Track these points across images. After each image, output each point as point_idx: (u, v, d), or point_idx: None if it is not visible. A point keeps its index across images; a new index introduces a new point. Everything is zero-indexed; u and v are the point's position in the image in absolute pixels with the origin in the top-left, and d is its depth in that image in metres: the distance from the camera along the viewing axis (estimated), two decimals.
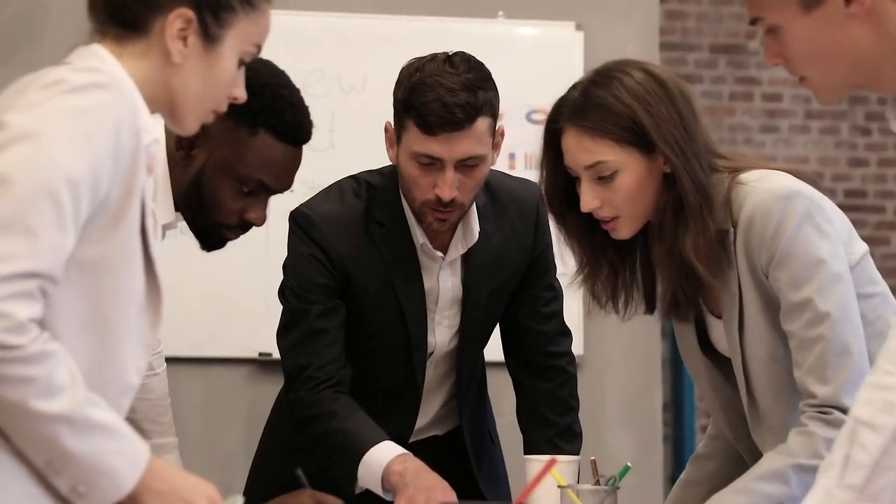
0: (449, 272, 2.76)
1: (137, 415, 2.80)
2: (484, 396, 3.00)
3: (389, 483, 2.49)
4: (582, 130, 2.28)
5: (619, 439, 4.42)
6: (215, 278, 4.23)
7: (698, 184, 2.26)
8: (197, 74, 1.85)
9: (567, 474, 2.50)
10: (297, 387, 2.65)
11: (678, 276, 2.31)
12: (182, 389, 4.25)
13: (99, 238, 1.73)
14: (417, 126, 2.55)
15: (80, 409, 1.69)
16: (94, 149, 1.70)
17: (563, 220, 2.40)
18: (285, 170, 2.38)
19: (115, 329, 1.78)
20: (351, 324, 2.71)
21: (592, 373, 4.39)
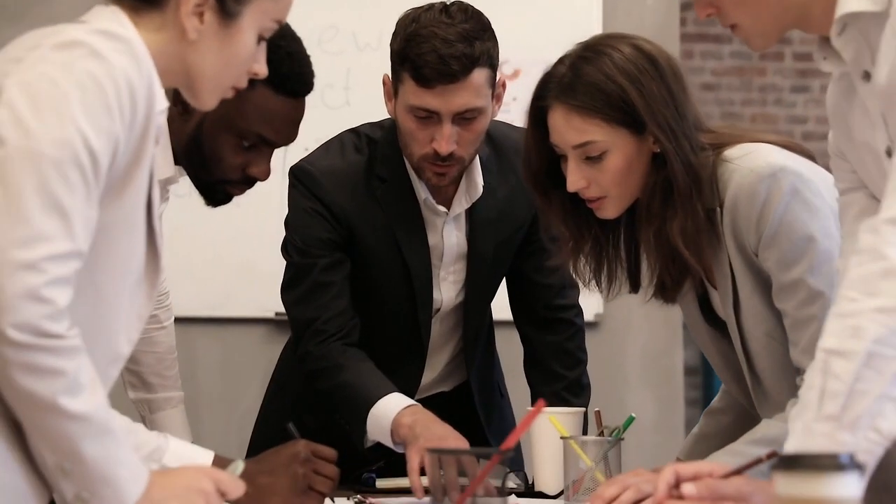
0: (453, 227, 2.73)
1: (143, 368, 2.80)
2: (492, 351, 2.98)
3: (399, 436, 2.47)
4: (571, 109, 2.22)
5: (640, 399, 4.39)
6: (231, 239, 4.23)
7: (688, 166, 2.20)
8: (213, 51, 1.82)
9: (571, 426, 2.48)
10: (306, 341, 2.64)
11: (664, 260, 2.26)
12: (199, 350, 4.26)
13: (103, 205, 1.70)
14: (413, 79, 2.51)
15: (99, 412, 1.66)
16: (114, 120, 1.67)
17: (548, 198, 2.34)
18: (286, 122, 2.34)
19: (109, 297, 1.75)
20: (355, 280, 2.69)
21: (612, 332, 4.37)
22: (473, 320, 2.82)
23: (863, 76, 1.85)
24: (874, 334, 1.66)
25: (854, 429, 1.66)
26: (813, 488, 1.42)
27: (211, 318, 4.22)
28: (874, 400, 1.66)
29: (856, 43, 1.84)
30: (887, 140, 1.85)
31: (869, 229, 1.72)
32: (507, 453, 1.80)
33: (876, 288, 1.68)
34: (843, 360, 1.67)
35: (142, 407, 2.83)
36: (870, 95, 1.85)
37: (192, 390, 4.22)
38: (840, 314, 1.71)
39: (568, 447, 2.38)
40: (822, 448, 1.66)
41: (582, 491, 2.33)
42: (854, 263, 1.72)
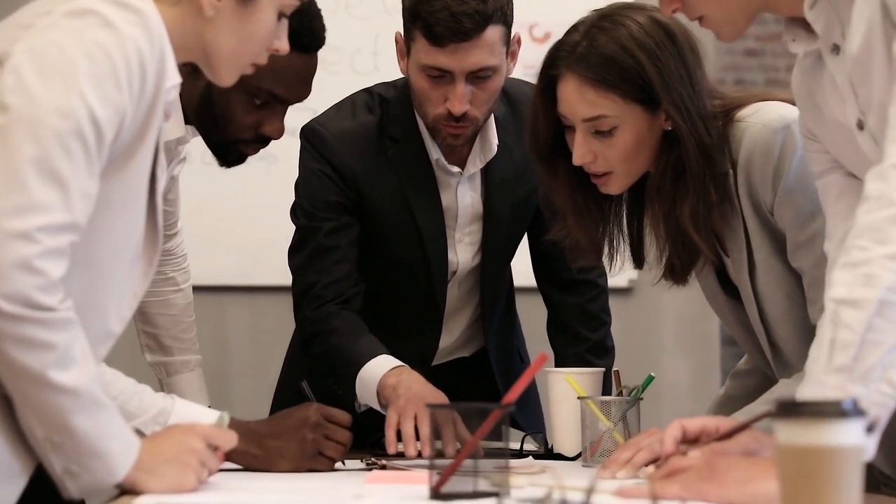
0: (468, 187, 2.68)
1: (160, 330, 2.78)
2: (512, 316, 2.94)
3: (384, 397, 2.43)
4: (584, 81, 2.14)
5: (675, 366, 4.33)
6: (261, 206, 4.20)
7: (702, 147, 2.14)
8: (231, 29, 1.79)
9: (589, 386, 2.43)
10: (304, 305, 2.60)
11: (674, 243, 2.20)
12: (229, 317, 4.24)
13: (105, 177, 1.67)
14: (424, 37, 2.46)
15: (90, 386, 1.64)
16: (122, 93, 1.64)
17: (553, 169, 2.27)
18: (297, 79, 2.29)
19: (104, 272, 1.72)
20: (368, 244, 2.65)
21: (647, 298, 4.31)
22: (491, 283, 2.77)
23: (832, 49, 1.82)
24: (887, 282, 1.60)
25: (866, 380, 1.60)
26: (814, 436, 1.38)
27: (241, 287, 4.21)
28: (887, 350, 1.60)
29: (826, 16, 1.80)
30: (857, 112, 1.81)
31: (876, 176, 1.66)
32: (508, 408, 1.75)
33: (887, 235, 1.62)
34: (854, 309, 1.61)
35: (159, 370, 2.81)
36: (839, 69, 1.82)
37: (223, 358, 4.22)
38: (849, 263, 1.65)
39: (585, 408, 2.34)
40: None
41: (600, 452, 2.29)
42: (862, 211, 1.66)
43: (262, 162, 4.09)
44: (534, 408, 2.86)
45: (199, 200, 4.19)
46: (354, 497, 1.74)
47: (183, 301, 2.83)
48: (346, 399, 2.50)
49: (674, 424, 1.85)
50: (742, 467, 1.69)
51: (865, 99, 1.80)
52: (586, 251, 2.32)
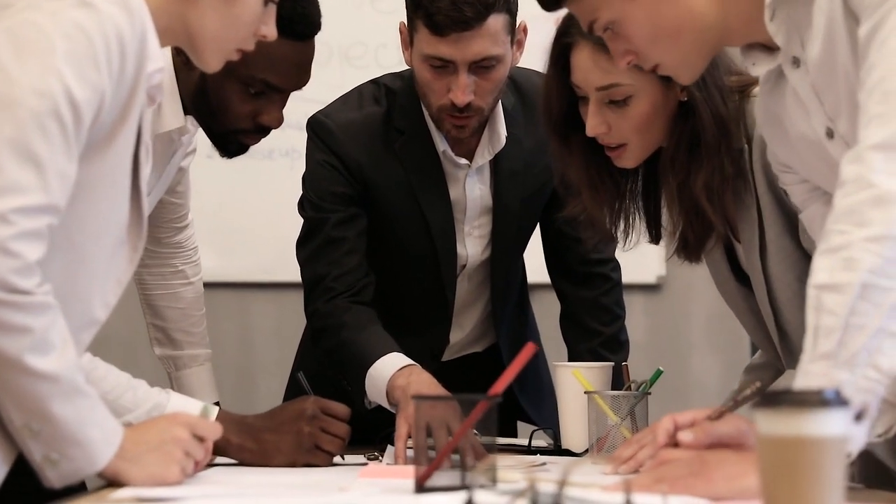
0: (476, 180, 2.64)
1: (168, 323, 2.77)
2: (525, 311, 2.91)
3: (393, 398, 2.37)
4: (598, 48, 2.10)
5: (704, 362, 4.27)
6: (285, 202, 4.15)
7: (718, 118, 2.10)
8: (215, 12, 1.77)
9: (597, 381, 2.39)
10: (314, 298, 2.57)
11: (687, 215, 2.16)
12: (254, 314, 4.22)
13: (84, 160, 1.65)
14: (426, 27, 2.42)
15: (69, 372, 1.62)
16: (101, 73, 1.62)
17: (566, 143, 2.23)
18: (292, 67, 2.25)
19: (86, 258, 1.70)
20: (375, 237, 2.61)
21: (675, 294, 4.25)
22: (501, 277, 2.73)
23: (792, 62, 1.80)
24: (868, 264, 1.55)
25: (851, 366, 1.55)
26: (795, 426, 1.33)
27: (266, 283, 4.18)
28: (872, 334, 1.55)
29: (786, 27, 1.78)
30: (826, 121, 1.78)
31: (852, 159, 1.62)
32: (495, 399, 1.71)
33: (865, 217, 1.57)
34: (836, 293, 1.56)
35: (167, 363, 2.80)
36: (801, 81, 1.80)
37: (248, 355, 4.21)
38: (829, 248, 1.60)
39: (593, 402, 2.30)
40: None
41: (607, 448, 2.25)
42: (839, 195, 1.62)
43: (287, 158, 4.07)
44: (548, 403, 2.81)
45: (224, 196, 4.18)
46: (339, 490, 1.71)
47: (193, 294, 2.81)
48: (356, 395, 2.46)
49: (665, 418, 1.81)
50: (731, 462, 1.65)
51: (833, 105, 1.77)
52: (601, 227, 2.28)
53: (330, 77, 4.04)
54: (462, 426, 1.69)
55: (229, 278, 4.22)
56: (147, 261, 2.77)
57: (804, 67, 1.79)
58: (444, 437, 1.80)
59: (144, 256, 2.76)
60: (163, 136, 2.30)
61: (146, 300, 2.80)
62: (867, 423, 1.56)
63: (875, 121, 1.61)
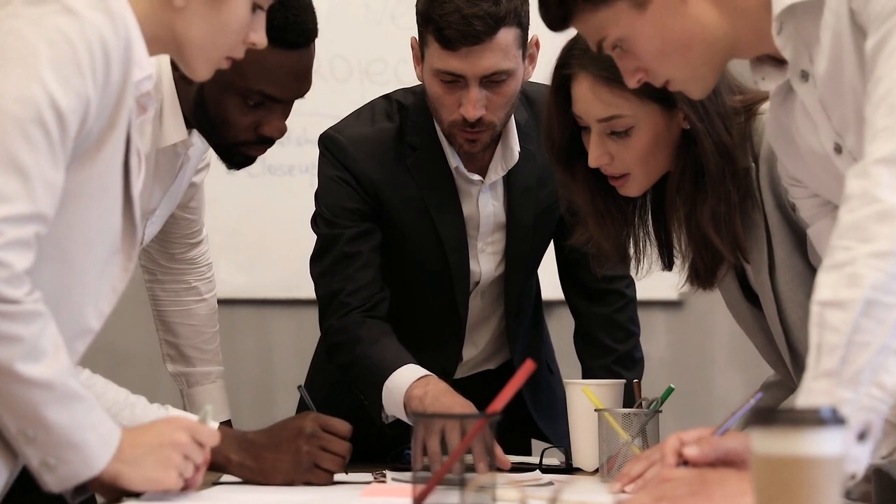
0: (490, 196, 2.63)
1: (181, 340, 2.77)
2: (540, 327, 2.89)
3: (411, 409, 2.35)
4: (598, 79, 2.09)
5: (727, 379, 4.24)
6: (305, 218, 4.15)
7: (721, 147, 2.08)
8: (202, 19, 1.76)
9: (608, 399, 2.36)
10: (329, 313, 2.55)
11: (696, 245, 2.14)
12: (274, 331, 4.22)
13: (72, 168, 1.65)
14: (436, 41, 2.42)
15: (63, 378, 1.62)
16: (84, 79, 1.61)
17: (571, 171, 2.22)
18: (289, 76, 2.23)
19: (77, 266, 1.70)
20: (388, 253, 2.60)
21: (698, 311, 4.22)
22: (515, 293, 2.71)
23: (801, 76, 1.78)
24: (872, 281, 1.53)
25: (855, 384, 1.52)
26: (790, 445, 1.31)
27: (286, 300, 4.17)
28: (875, 352, 1.52)
29: (793, 41, 1.76)
30: (833, 136, 1.76)
31: (857, 173, 1.60)
32: (494, 417, 1.69)
33: (870, 233, 1.55)
34: (840, 310, 1.54)
35: (179, 380, 2.79)
36: (809, 95, 1.78)
37: (267, 371, 4.20)
38: (833, 264, 1.58)
39: (603, 420, 2.27)
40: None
41: (618, 466, 2.22)
42: (844, 211, 1.60)
43: (307, 174, 4.07)
44: (562, 421, 2.79)
45: (244, 212, 4.18)
46: None
47: (206, 311, 2.80)
48: (373, 410, 2.45)
49: (671, 437, 1.79)
50: (732, 481, 1.63)
51: (840, 120, 1.75)
52: (610, 256, 2.25)
53: (350, 93, 4.05)
54: (460, 445, 1.67)
55: (249, 295, 4.22)
56: (160, 276, 2.77)
57: (812, 81, 1.77)
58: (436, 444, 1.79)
59: (157, 272, 2.77)
60: (167, 151, 2.29)
61: (159, 316, 2.80)
62: (870, 442, 1.54)
63: (881, 134, 1.59)
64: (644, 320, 4.32)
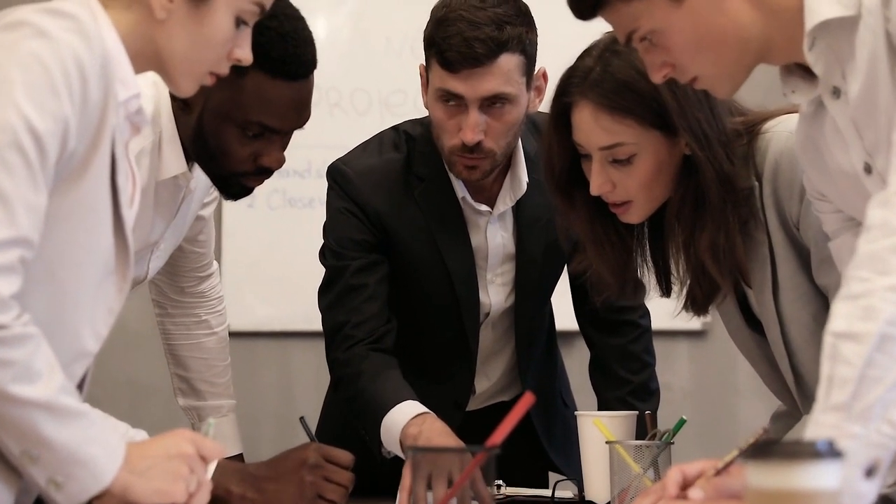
0: (498, 227, 2.61)
1: (192, 374, 2.76)
2: (553, 358, 2.86)
3: (405, 448, 2.33)
4: (600, 107, 2.07)
5: (753, 410, 4.20)
6: None
7: (722, 175, 2.05)
8: (185, 32, 1.74)
9: (619, 430, 2.34)
10: (335, 346, 2.55)
11: (694, 273, 2.12)
12: (295, 363, 4.21)
13: (59, 191, 1.64)
14: (439, 64, 2.41)
15: (59, 397, 1.60)
16: (61, 102, 1.60)
17: (570, 200, 2.19)
18: (288, 108, 2.21)
19: (70, 289, 1.69)
20: (396, 285, 2.59)
21: (722, 340, 4.14)
22: (525, 325, 2.69)
23: (832, 93, 1.74)
24: (887, 315, 1.51)
25: (865, 420, 1.49)
26: (785, 479, 1.29)
27: (308, 332, 4.16)
28: (888, 388, 1.50)
29: (825, 57, 1.72)
30: (864, 156, 1.72)
31: (878, 203, 1.57)
32: (493, 450, 1.67)
33: (889, 265, 1.53)
34: (854, 343, 1.51)
35: (191, 414, 2.78)
36: (840, 112, 1.74)
37: (288, 404, 4.19)
38: (849, 295, 1.55)
39: (614, 452, 2.25)
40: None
41: (630, 500, 2.19)
42: (863, 241, 1.57)
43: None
44: (577, 453, 2.76)
45: (264, 245, 4.18)
46: None
47: (217, 345, 2.79)
48: (373, 445, 2.43)
49: (674, 469, 1.76)
50: None
51: (872, 141, 1.71)
52: (609, 283, 2.23)
53: (371, 125, 4.01)
54: (460, 478, 1.65)
55: (270, 327, 4.21)
56: (170, 310, 2.77)
57: (844, 99, 1.73)
58: (443, 490, 1.76)
59: (168, 306, 2.76)
60: (167, 183, 2.28)
61: (169, 350, 2.79)
62: (878, 479, 1.51)
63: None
64: (667, 350, 4.32)
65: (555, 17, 3.39)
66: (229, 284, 4.21)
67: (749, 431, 3.67)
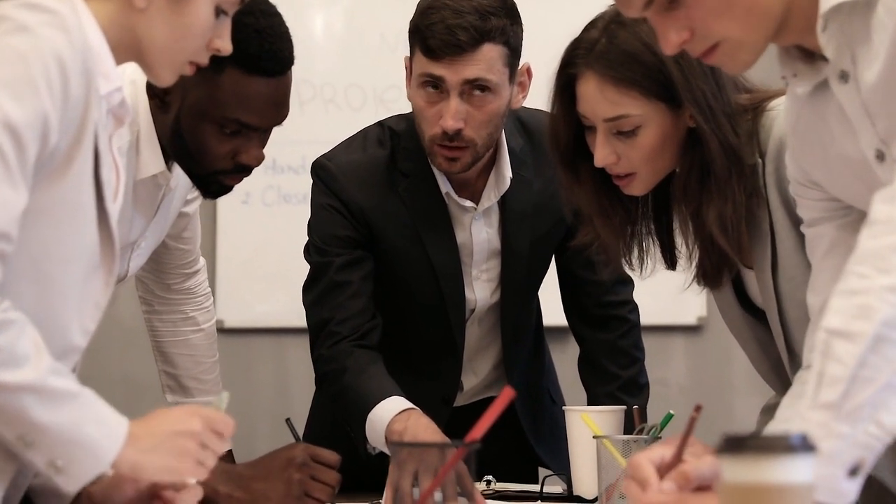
0: (483, 223, 2.60)
1: (180, 371, 2.75)
2: (541, 354, 2.85)
3: (390, 443, 2.31)
4: (605, 79, 2.05)
5: (748, 406, 4.18)
6: None
7: (727, 147, 2.04)
8: (163, 21, 1.73)
9: (607, 425, 2.33)
10: (319, 343, 2.54)
11: (702, 245, 2.11)
12: (290, 360, 4.21)
13: (42, 187, 1.63)
14: (421, 51, 2.42)
15: (47, 379, 1.59)
16: (40, 95, 1.59)
17: (575, 171, 2.18)
18: (266, 104, 2.20)
19: (57, 284, 1.68)
20: (381, 281, 2.58)
21: (717, 335, 4.17)
22: (511, 321, 2.68)
23: (840, 76, 1.68)
24: (884, 315, 1.48)
25: (854, 420, 1.48)
26: (758, 473, 1.27)
27: (303, 329, 4.14)
28: (878, 389, 1.48)
29: (836, 40, 1.67)
30: (877, 142, 1.67)
31: (886, 198, 1.54)
32: (473, 446, 1.66)
33: (890, 263, 1.50)
34: (847, 342, 1.49)
35: None
36: (849, 98, 1.68)
37: (285, 400, 4.18)
38: (847, 291, 1.53)
39: (602, 448, 2.24)
40: (817, 440, 1.44)
41: (617, 495, 2.18)
42: (866, 235, 1.54)
43: None
44: (566, 448, 2.75)
45: (259, 242, 4.18)
46: None
47: (204, 341, 2.79)
48: (358, 442, 2.42)
49: (644, 462, 1.68)
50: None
51: (887, 127, 1.66)
52: (615, 255, 2.22)
53: (366, 121, 3.99)
54: (439, 474, 1.64)
55: (265, 324, 4.21)
56: (157, 307, 2.76)
57: (853, 84, 1.68)
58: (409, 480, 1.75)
59: (154, 303, 2.76)
60: (146, 182, 2.28)
61: (157, 347, 2.78)
62: (861, 479, 1.50)
63: None
64: (663, 345, 4.32)
65: (542, 14, 3.42)
66: (224, 281, 4.22)
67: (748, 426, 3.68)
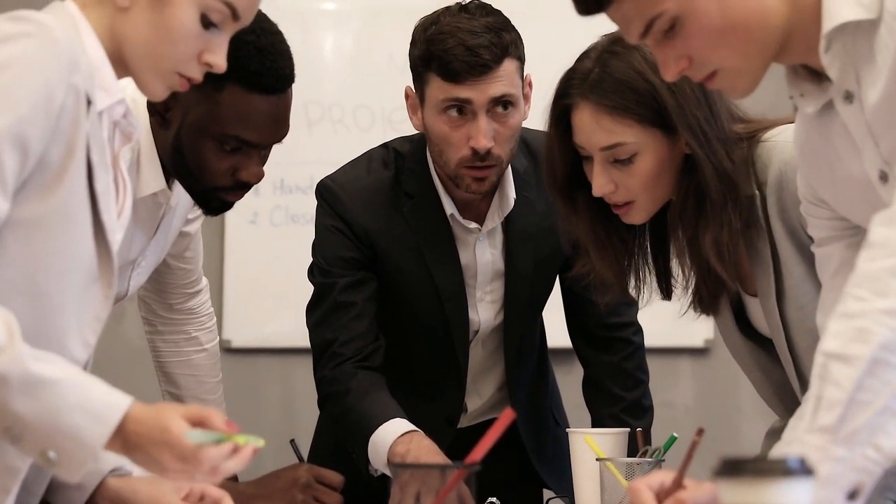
0: (487, 244, 2.60)
1: (182, 391, 2.76)
2: (544, 375, 2.85)
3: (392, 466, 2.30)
4: (600, 108, 2.06)
5: (756, 429, 4.15)
6: None
7: (722, 173, 2.04)
8: (145, 22, 1.71)
9: (610, 447, 2.33)
10: (322, 364, 2.54)
11: (699, 271, 2.11)
12: (297, 380, 4.20)
13: (35, 199, 1.63)
14: (441, 76, 2.40)
15: (22, 367, 1.54)
16: (18, 104, 1.59)
17: (572, 202, 2.19)
18: (266, 121, 2.21)
19: (53, 298, 1.67)
20: (385, 302, 2.58)
21: (724, 358, 4.11)
22: (514, 342, 2.68)
23: (844, 97, 1.68)
24: (881, 339, 1.48)
25: (851, 444, 1.47)
26: (756, 496, 1.27)
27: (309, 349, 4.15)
28: (876, 413, 1.47)
29: (840, 61, 1.66)
30: (880, 163, 1.67)
31: (884, 221, 1.54)
32: (473, 467, 1.66)
33: (887, 287, 1.50)
34: (845, 365, 1.49)
35: None
36: (853, 118, 1.68)
37: (291, 420, 4.17)
38: (845, 314, 1.52)
39: (605, 470, 2.23)
40: (815, 463, 1.43)
41: None
42: (864, 258, 1.54)
43: None
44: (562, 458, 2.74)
45: (265, 261, 4.18)
46: None
47: (207, 361, 2.79)
48: (361, 463, 2.42)
49: (642, 490, 1.68)
50: None
51: (890, 148, 1.66)
52: (612, 285, 2.22)
53: (374, 142, 4.02)
54: (440, 495, 1.64)
55: (273, 344, 4.21)
56: (160, 328, 2.76)
57: (857, 104, 1.67)
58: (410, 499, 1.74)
59: (157, 323, 2.76)
60: (146, 201, 2.28)
61: (160, 367, 2.79)
62: (861, 501, 1.49)
63: None
64: (670, 367, 4.31)
65: (537, 27, 3.40)
66: (232, 301, 4.22)
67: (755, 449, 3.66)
